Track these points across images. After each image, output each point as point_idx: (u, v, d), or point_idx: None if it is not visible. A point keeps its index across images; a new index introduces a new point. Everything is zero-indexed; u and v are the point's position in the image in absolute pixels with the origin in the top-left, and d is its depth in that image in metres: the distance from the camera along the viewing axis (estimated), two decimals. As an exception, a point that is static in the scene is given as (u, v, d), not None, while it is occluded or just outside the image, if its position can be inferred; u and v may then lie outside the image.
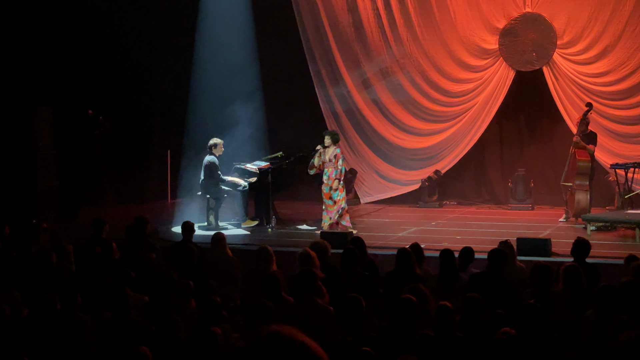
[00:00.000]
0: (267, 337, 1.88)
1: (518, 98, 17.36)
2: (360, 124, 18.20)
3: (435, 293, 8.31)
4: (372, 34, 17.95)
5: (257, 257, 9.59)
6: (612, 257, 11.18)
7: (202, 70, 17.52)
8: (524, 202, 17.09)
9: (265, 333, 1.90)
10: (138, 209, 15.68)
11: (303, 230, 14.62)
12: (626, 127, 16.48)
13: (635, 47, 16.28)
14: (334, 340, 6.12)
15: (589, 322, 7.45)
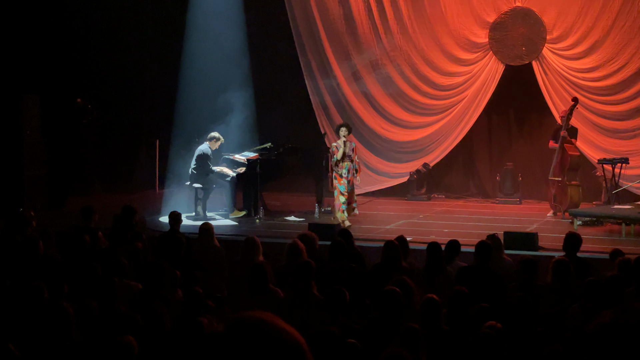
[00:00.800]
0: (245, 321, 1.89)
1: (507, 92, 17.39)
2: (349, 116, 18.19)
3: (422, 286, 8.33)
4: (362, 26, 17.94)
5: (244, 247, 9.59)
6: (599, 252, 11.22)
7: (191, 60, 17.47)
8: (511, 196, 17.13)
9: (243, 317, 1.91)
10: (126, 198, 15.65)
11: (291, 222, 14.61)
12: (614, 123, 16.53)
13: (624, 42, 16.31)
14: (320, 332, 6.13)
15: (573, 316, 7.49)
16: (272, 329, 1.88)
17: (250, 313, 1.92)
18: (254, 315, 1.91)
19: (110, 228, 11.13)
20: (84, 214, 10.97)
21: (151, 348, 6.12)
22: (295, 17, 18.18)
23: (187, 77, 17.41)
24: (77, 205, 14.12)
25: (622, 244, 11.22)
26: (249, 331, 1.87)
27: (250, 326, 1.88)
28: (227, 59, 17.30)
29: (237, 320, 1.91)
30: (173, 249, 9.98)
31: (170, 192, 16.04)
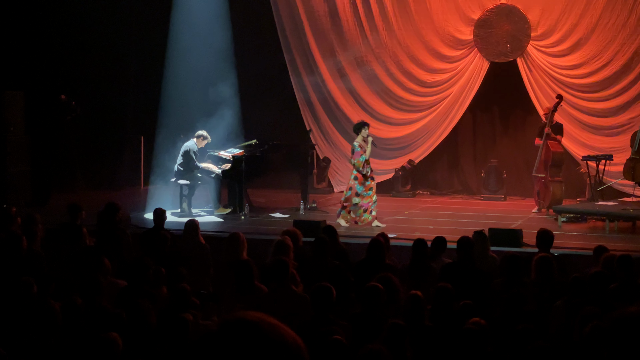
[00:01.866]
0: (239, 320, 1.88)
1: (492, 89, 17.42)
2: (334, 112, 18.20)
3: (406, 282, 8.35)
4: (347, 23, 17.94)
5: (228, 243, 9.59)
6: (583, 249, 11.26)
7: (176, 57, 17.43)
8: (496, 193, 17.17)
9: (237, 316, 1.90)
10: (110, 195, 15.59)
11: (276, 218, 14.60)
12: (598, 120, 16.59)
13: (608, 40, 16.37)
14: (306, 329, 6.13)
15: (557, 312, 7.51)
16: (270, 328, 1.87)
17: (246, 312, 1.91)
18: (250, 314, 1.90)
19: (94, 225, 11.11)
20: (70, 211, 10.92)
21: (136, 344, 6.10)
22: (280, 13, 18.17)
23: (172, 74, 17.36)
24: (61, 202, 14.10)
25: (606, 241, 11.25)
26: (246, 330, 1.85)
27: (247, 325, 1.86)
28: (212, 55, 17.27)
29: (233, 319, 1.89)
30: (158, 246, 9.96)
31: (155, 189, 16.00)
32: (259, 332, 1.85)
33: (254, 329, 1.86)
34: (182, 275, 8.64)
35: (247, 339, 1.83)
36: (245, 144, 15.71)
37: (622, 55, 16.29)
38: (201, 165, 14.89)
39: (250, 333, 1.85)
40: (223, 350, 1.84)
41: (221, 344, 1.85)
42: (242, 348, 1.83)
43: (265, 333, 1.85)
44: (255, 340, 1.84)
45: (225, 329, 1.87)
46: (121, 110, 18.62)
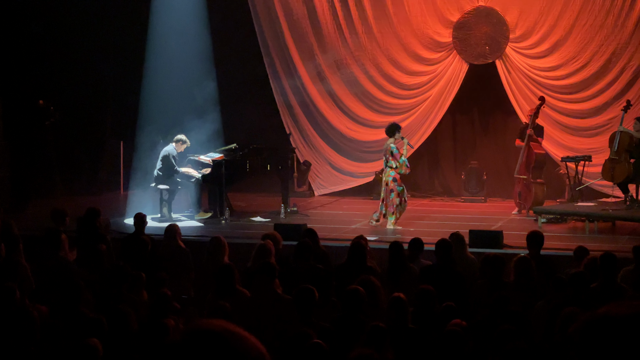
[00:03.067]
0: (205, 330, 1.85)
1: (471, 91, 17.47)
2: (314, 116, 18.20)
3: (386, 285, 8.35)
4: (327, 26, 17.94)
5: (210, 247, 9.57)
6: (563, 249, 11.30)
7: (155, 61, 17.36)
8: (476, 195, 17.22)
9: (200, 326, 1.87)
10: (89, 200, 15.52)
11: (257, 222, 14.58)
12: (577, 121, 16.67)
13: (586, 41, 16.45)
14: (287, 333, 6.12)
15: (539, 313, 7.53)
16: (233, 337, 1.85)
17: (209, 321, 1.89)
18: (213, 323, 1.87)
19: (74, 231, 11.05)
20: (55, 217, 10.84)
21: (117, 350, 6.07)
22: (259, 17, 18.14)
23: (151, 78, 17.30)
24: (40, 208, 14.02)
25: (585, 241, 11.31)
26: (209, 340, 1.83)
27: (209, 335, 1.84)
28: (191, 59, 17.23)
29: (196, 329, 1.87)
30: (138, 251, 9.92)
31: (135, 194, 15.94)
32: (222, 342, 1.83)
33: (217, 339, 1.84)
34: (163, 280, 8.61)
35: (210, 350, 1.82)
36: (225, 148, 15.67)
37: (600, 56, 16.38)
38: (181, 169, 14.85)
39: (213, 343, 1.83)
40: None
41: (184, 354, 1.84)
42: (205, 358, 1.81)
43: (228, 343, 1.83)
44: (218, 350, 1.82)
45: (188, 339, 1.85)
46: (100, 115, 18.54)
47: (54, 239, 9.78)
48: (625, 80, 16.27)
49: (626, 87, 16.24)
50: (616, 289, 8.02)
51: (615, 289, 8.01)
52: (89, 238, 10.47)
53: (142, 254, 9.88)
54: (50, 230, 10.53)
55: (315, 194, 18.14)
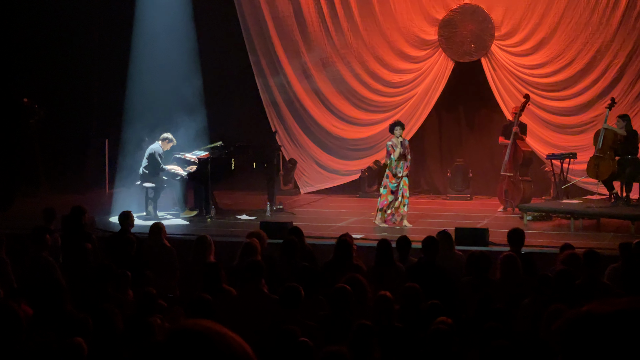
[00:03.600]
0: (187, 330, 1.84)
1: (457, 89, 17.50)
2: (300, 113, 18.19)
3: (372, 283, 8.35)
4: (312, 24, 17.93)
5: (196, 246, 9.54)
6: (548, 247, 11.33)
7: (140, 59, 17.30)
8: (462, 192, 17.24)
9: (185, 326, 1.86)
10: (75, 198, 15.45)
11: (242, 220, 14.56)
12: (562, 118, 16.72)
13: (571, 39, 16.50)
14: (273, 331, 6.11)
15: (525, 310, 7.54)
16: (218, 338, 1.83)
17: (194, 321, 1.87)
18: (198, 324, 1.86)
19: (60, 229, 11.00)
20: (45, 216, 10.81)
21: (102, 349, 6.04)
22: (244, 15, 18.12)
23: (137, 76, 17.25)
24: (25, 206, 13.95)
25: (570, 238, 11.33)
26: (194, 340, 1.82)
27: (194, 335, 1.83)
28: (176, 57, 17.19)
29: (181, 330, 1.85)
30: (124, 250, 9.88)
31: (121, 192, 15.88)
32: (207, 343, 1.82)
33: (202, 339, 1.82)
34: (149, 278, 8.59)
35: (195, 350, 1.80)
36: (210, 146, 15.64)
37: (585, 54, 16.43)
38: (167, 167, 14.81)
39: (198, 343, 1.81)
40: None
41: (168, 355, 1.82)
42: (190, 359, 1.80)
43: (213, 343, 1.82)
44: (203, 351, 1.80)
45: (172, 340, 1.84)
46: (85, 113, 18.47)
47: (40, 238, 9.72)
48: (609, 78, 16.33)
49: (611, 85, 16.29)
50: (600, 286, 8.05)
51: (600, 286, 8.03)
52: (74, 236, 10.42)
53: (127, 253, 9.84)
54: (38, 228, 10.48)
55: (301, 191, 18.13)
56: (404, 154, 13.87)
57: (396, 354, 6.46)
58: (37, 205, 11.39)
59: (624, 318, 1.83)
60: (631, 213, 13.40)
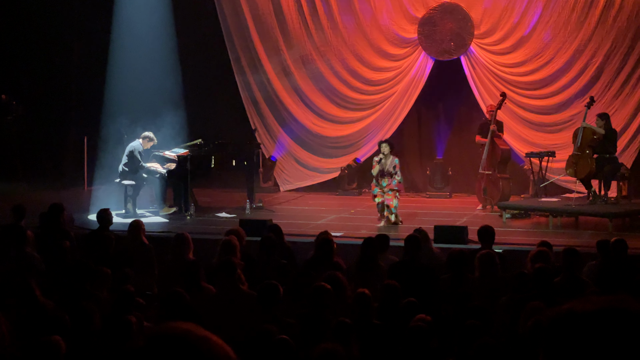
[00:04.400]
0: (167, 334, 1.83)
1: (436, 87, 17.54)
2: (279, 111, 18.17)
3: (353, 280, 8.35)
4: (292, 21, 17.91)
5: (175, 244, 9.51)
6: (527, 244, 11.37)
7: (120, 57, 17.25)
8: (441, 190, 17.28)
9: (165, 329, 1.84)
10: (53, 195, 15.36)
11: (222, 218, 14.53)
12: (541, 117, 16.79)
13: (550, 38, 16.56)
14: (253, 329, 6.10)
15: (503, 308, 7.57)
16: (199, 341, 1.82)
17: (174, 324, 1.86)
18: (178, 327, 1.85)
19: (38, 227, 10.94)
20: (15, 213, 10.73)
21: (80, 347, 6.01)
22: (224, 12, 18.08)
23: (116, 74, 17.20)
24: (2, 203, 13.85)
25: (549, 236, 11.38)
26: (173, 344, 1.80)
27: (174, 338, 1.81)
28: (156, 54, 17.15)
29: (161, 333, 1.84)
30: (102, 247, 9.84)
31: (100, 190, 15.81)
32: (187, 346, 1.80)
33: (182, 343, 1.81)
34: (128, 276, 8.55)
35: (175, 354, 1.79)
36: (190, 143, 15.61)
37: (564, 52, 16.50)
38: (146, 165, 14.76)
39: (178, 347, 1.80)
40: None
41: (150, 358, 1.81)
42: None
43: (194, 346, 1.81)
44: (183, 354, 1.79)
45: (153, 343, 1.82)
46: (64, 111, 18.39)
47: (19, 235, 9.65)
48: (588, 77, 16.40)
49: (589, 84, 16.36)
50: (579, 284, 8.08)
51: (578, 284, 8.07)
52: (52, 234, 10.37)
53: (106, 251, 9.80)
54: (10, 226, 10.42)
55: (280, 189, 18.12)
56: (389, 172, 13.79)
57: (375, 351, 6.47)
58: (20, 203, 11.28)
59: (605, 316, 1.84)
60: (609, 211, 13.48)
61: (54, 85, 17.81)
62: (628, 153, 15.90)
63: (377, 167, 13.86)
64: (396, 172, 13.82)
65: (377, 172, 13.82)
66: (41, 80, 17.57)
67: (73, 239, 10.43)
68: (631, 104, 16.13)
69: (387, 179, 13.78)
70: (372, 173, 13.95)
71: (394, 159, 13.91)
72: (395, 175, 13.80)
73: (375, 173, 13.85)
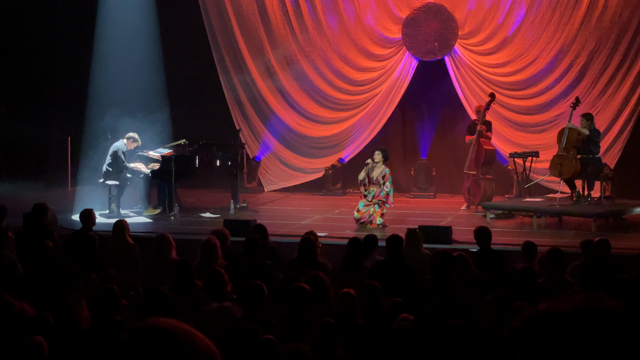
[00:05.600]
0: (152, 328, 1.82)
1: (421, 87, 17.56)
2: (264, 111, 18.15)
3: (338, 280, 8.35)
4: (276, 21, 17.90)
5: (156, 244, 9.49)
6: (511, 244, 11.40)
7: (104, 56, 17.20)
8: (425, 190, 17.30)
9: (149, 324, 1.84)
10: (37, 196, 15.29)
11: (206, 218, 14.51)
12: (525, 117, 16.83)
13: (533, 38, 16.62)
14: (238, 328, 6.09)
15: (487, 308, 7.59)
16: (183, 335, 1.82)
17: (158, 319, 1.85)
18: (163, 321, 1.84)
19: (21, 227, 10.90)
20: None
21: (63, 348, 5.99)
22: (208, 12, 18.04)
23: (99, 73, 17.15)
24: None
25: (533, 236, 11.42)
26: (159, 338, 1.80)
27: (159, 332, 1.81)
28: (140, 55, 17.11)
29: (145, 327, 1.83)
30: (85, 248, 9.81)
31: (83, 190, 15.76)
32: (172, 340, 1.80)
33: (166, 337, 1.80)
34: (112, 277, 8.53)
35: (159, 348, 1.78)
36: (174, 143, 15.58)
37: (547, 53, 16.55)
38: (130, 165, 14.73)
39: (162, 341, 1.79)
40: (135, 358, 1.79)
41: (133, 353, 1.80)
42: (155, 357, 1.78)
43: (179, 341, 1.80)
44: (167, 348, 1.79)
45: (137, 338, 1.82)
46: (47, 111, 18.31)
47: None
48: (572, 77, 16.46)
49: (573, 84, 16.42)
50: (563, 284, 8.11)
51: (562, 284, 8.09)
52: (35, 234, 10.32)
53: (89, 251, 9.77)
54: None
55: (265, 189, 18.10)
56: (377, 181, 13.70)
57: (359, 351, 6.47)
58: None
59: (580, 316, 1.84)
60: (592, 211, 13.54)
61: (37, 85, 17.73)
62: (611, 153, 15.96)
63: (363, 172, 13.80)
64: (384, 183, 13.69)
65: (363, 177, 13.77)
66: (24, 81, 17.49)
67: (56, 239, 10.39)
68: (614, 104, 16.20)
69: (375, 189, 13.71)
70: (359, 178, 13.89)
71: (385, 169, 13.81)
72: (384, 187, 13.67)
73: (361, 178, 13.80)
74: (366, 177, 13.73)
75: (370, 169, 13.74)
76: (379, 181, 13.69)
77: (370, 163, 13.78)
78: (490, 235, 9.79)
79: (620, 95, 16.19)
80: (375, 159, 13.77)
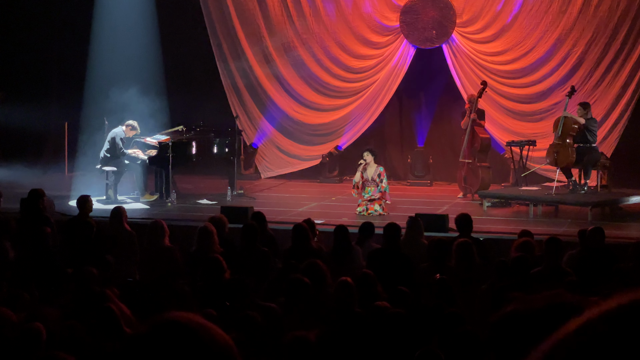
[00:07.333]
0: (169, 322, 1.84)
1: (418, 75, 17.55)
2: (261, 98, 18.14)
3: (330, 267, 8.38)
4: (274, 8, 17.87)
5: (150, 231, 9.51)
6: (507, 233, 11.43)
7: (101, 43, 17.19)
8: (422, 178, 17.33)
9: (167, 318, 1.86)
10: (34, 181, 15.28)
11: (203, 205, 14.52)
12: (522, 105, 16.84)
13: (531, 26, 16.61)
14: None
15: (482, 296, 7.61)
16: (201, 329, 1.83)
17: (176, 313, 1.87)
18: (181, 315, 1.86)
19: (18, 212, 10.91)
20: None
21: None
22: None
23: (97, 60, 17.14)
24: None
25: (529, 225, 11.46)
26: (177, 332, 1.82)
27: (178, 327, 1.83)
28: (137, 41, 17.09)
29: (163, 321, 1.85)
30: (82, 234, 9.83)
31: (80, 176, 15.76)
32: (190, 334, 1.82)
33: (184, 331, 1.82)
34: (109, 263, 8.55)
35: (177, 341, 1.80)
36: (171, 130, 15.58)
37: (545, 42, 16.55)
38: (127, 151, 14.73)
39: (180, 335, 1.81)
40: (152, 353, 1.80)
41: (151, 346, 1.82)
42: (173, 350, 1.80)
43: (196, 334, 1.82)
44: (186, 342, 1.81)
45: (155, 331, 1.84)
46: (45, 96, 18.28)
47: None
48: (569, 66, 16.46)
49: (570, 73, 16.42)
50: (560, 273, 8.13)
51: (559, 273, 8.12)
52: (32, 220, 10.34)
53: (86, 237, 9.79)
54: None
55: (261, 176, 18.11)
56: (374, 181, 13.69)
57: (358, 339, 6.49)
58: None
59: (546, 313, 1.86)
60: (589, 200, 13.57)
61: (34, 71, 17.70)
62: (608, 142, 15.98)
63: (357, 174, 13.82)
64: (381, 180, 13.73)
65: (359, 179, 13.77)
66: (22, 66, 17.46)
67: (53, 225, 10.41)
68: (612, 93, 16.21)
69: (372, 188, 13.74)
70: (354, 180, 13.89)
71: (378, 167, 13.87)
72: (382, 183, 13.72)
73: (357, 180, 13.80)
74: (361, 178, 13.75)
75: (363, 170, 13.76)
76: (374, 180, 13.73)
77: (363, 163, 13.80)
78: (472, 223, 9.79)
79: (617, 85, 16.21)
80: (367, 159, 13.80)
